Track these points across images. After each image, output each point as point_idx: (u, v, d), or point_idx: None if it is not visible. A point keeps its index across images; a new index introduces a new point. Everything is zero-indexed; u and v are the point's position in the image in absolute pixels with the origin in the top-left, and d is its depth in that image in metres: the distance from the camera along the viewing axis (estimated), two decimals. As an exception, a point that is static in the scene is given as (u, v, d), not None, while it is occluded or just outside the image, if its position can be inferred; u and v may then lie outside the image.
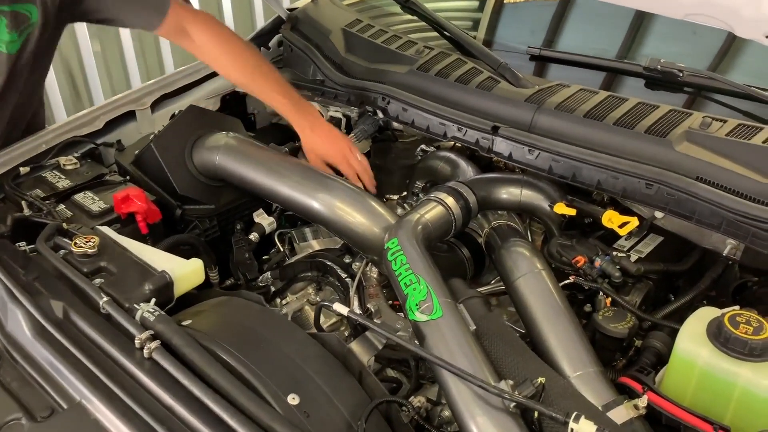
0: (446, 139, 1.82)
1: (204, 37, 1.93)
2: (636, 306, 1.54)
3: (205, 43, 1.94)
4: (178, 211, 1.93)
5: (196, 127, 2.00)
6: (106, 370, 1.24)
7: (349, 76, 2.09)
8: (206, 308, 1.44)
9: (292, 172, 1.79)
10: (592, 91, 1.71)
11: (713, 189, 1.43)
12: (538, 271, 1.50)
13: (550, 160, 1.62)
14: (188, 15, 1.93)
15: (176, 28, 1.92)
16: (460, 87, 1.84)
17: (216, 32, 1.95)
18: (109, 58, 3.92)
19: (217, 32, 1.95)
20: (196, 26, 1.92)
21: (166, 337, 1.27)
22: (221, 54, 1.96)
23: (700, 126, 1.53)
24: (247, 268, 1.91)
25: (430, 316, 1.30)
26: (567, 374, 1.30)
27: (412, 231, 1.51)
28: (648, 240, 1.72)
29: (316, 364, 1.25)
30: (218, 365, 1.21)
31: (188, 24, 1.92)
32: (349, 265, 1.77)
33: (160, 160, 1.92)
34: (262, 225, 2.00)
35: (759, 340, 1.13)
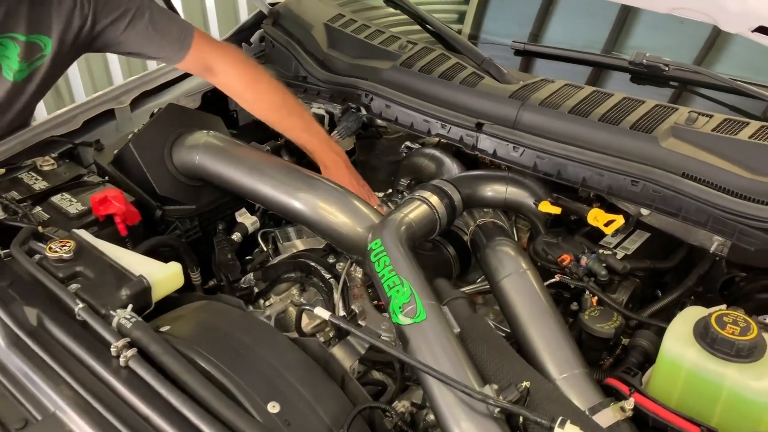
0: (430, 136, 1.80)
1: (230, 74, 1.92)
2: (623, 304, 1.53)
3: (231, 80, 1.93)
4: (158, 211, 1.90)
5: (175, 125, 1.96)
6: (82, 380, 1.20)
7: (332, 72, 2.05)
8: (185, 313, 1.41)
9: (274, 171, 1.75)
10: (577, 87, 1.69)
11: (699, 185, 1.41)
12: (523, 271, 1.48)
13: (534, 157, 1.59)
14: (213, 49, 1.91)
15: (201, 64, 1.90)
16: (444, 83, 1.81)
17: (241, 68, 1.93)
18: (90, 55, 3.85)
19: (242, 68, 1.93)
20: (220, 62, 1.90)
21: (143, 345, 1.24)
22: (246, 90, 1.94)
23: (686, 121, 1.51)
24: (230, 269, 1.88)
25: (413, 319, 1.27)
26: (553, 376, 1.29)
27: (395, 231, 1.48)
28: (634, 236, 1.70)
29: (297, 370, 1.23)
30: (196, 373, 1.18)
31: (213, 59, 1.90)
32: (333, 265, 1.74)
33: (139, 160, 1.88)
34: (245, 225, 1.97)
35: (746, 341, 1.11)
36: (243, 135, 2.11)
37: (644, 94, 1.66)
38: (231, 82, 1.93)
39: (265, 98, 1.94)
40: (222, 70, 1.90)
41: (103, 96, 2.20)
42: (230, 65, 1.91)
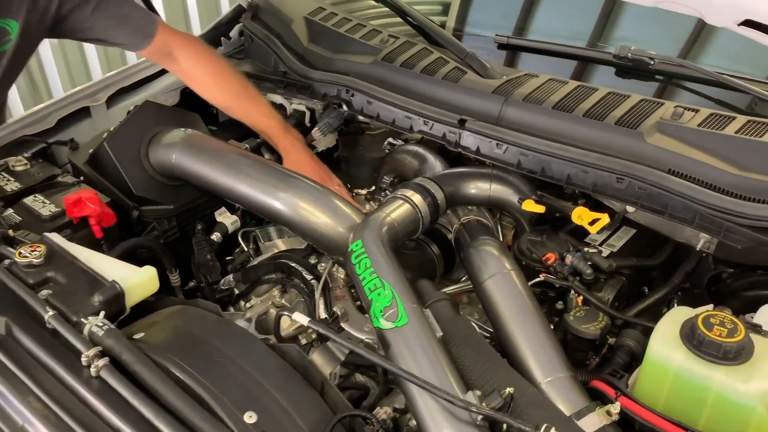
0: (412, 132, 1.75)
1: (189, 60, 1.91)
2: (609, 303, 1.50)
3: (191, 66, 1.91)
4: (135, 212, 1.86)
5: (152, 123, 1.91)
6: (51, 392, 1.16)
7: (312, 67, 2.01)
8: (160, 319, 1.37)
9: (252, 170, 1.71)
10: (561, 81, 1.66)
11: (685, 182, 1.38)
12: (507, 272, 1.45)
13: (518, 154, 1.56)
14: (175, 37, 1.90)
15: (163, 51, 1.88)
16: (426, 78, 1.77)
17: (201, 55, 1.93)
18: (67, 49, 3.78)
19: (202, 55, 1.93)
20: (182, 49, 1.90)
21: (115, 353, 1.20)
22: (205, 75, 1.93)
23: (671, 116, 1.48)
24: (209, 270, 1.83)
25: (394, 323, 1.24)
26: (537, 380, 1.26)
27: (377, 232, 1.45)
28: (620, 233, 1.68)
29: (275, 378, 1.19)
30: (170, 383, 1.14)
31: (174, 47, 1.89)
32: (315, 266, 1.71)
33: (114, 160, 1.83)
34: (225, 224, 1.93)
35: (733, 343, 1.09)
36: (222, 132, 2.06)
37: (629, 89, 1.63)
38: (191, 68, 1.92)
39: (223, 84, 1.92)
40: (182, 56, 1.89)
41: (78, 93, 2.14)
42: (191, 52, 1.90)
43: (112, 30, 1.80)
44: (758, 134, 1.41)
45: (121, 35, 1.82)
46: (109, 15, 1.77)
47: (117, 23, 1.79)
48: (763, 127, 1.44)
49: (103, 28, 1.79)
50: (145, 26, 1.83)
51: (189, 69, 1.91)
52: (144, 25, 1.83)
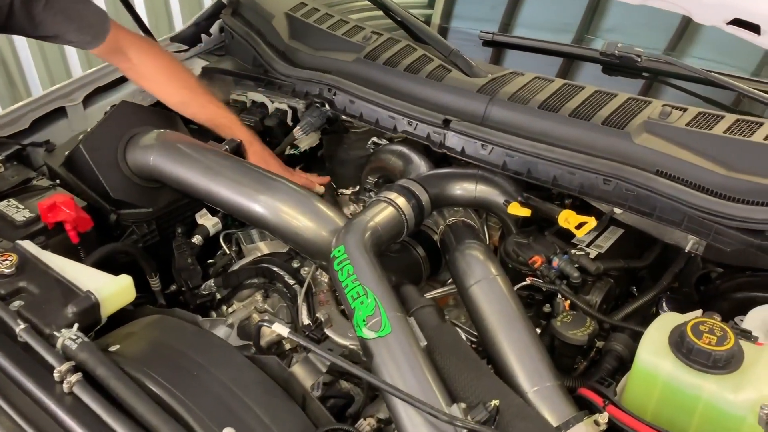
0: (396, 133, 1.72)
1: (141, 57, 1.87)
2: (596, 306, 1.48)
3: (143, 63, 1.88)
4: (113, 216, 1.81)
5: (129, 124, 1.86)
6: (22, 409, 1.12)
7: (293, 65, 1.96)
8: (137, 330, 1.33)
9: (232, 172, 1.67)
10: (547, 80, 1.62)
11: (674, 184, 1.36)
12: (492, 278, 1.42)
13: (504, 155, 1.53)
14: (127, 36, 1.87)
15: (114, 49, 1.85)
16: (410, 77, 1.73)
17: (153, 52, 1.91)
18: (45, 45, 3.70)
19: (153, 52, 1.91)
20: (133, 46, 1.87)
21: (89, 367, 1.16)
22: (158, 72, 1.90)
23: (659, 116, 1.46)
24: (190, 275, 1.80)
25: (377, 333, 1.21)
26: (524, 389, 1.23)
27: (359, 237, 1.41)
28: (608, 233, 1.66)
29: (254, 391, 1.16)
30: (146, 398, 1.10)
31: (127, 45, 1.86)
32: (298, 270, 1.67)
33: (90, 163, 1.78)
34: (206, 227, 1.88)
35: (723, 351, 1.07)
36: (202, 132, 2.01)
37: (616, 86, 1.60)
38: (143, 65, 1.88)
39: (177, 80, 1.90)
40: (134, 53, 1.86)
41: (54, 93, 2.08)
42: (142, 49, 1.88)
43: (64, 27, 1.75)
44: (747, 134, 1.39)
45: (73, 33, 1.77)
46: (60, 11, 1.72)
47: (69, 20, 1.74)
48: (751, 126, 1.41)
49: (54, 24, 1.74)
50: (98, 24, 1.79)
51: (141, 66, 1.88)
52: (96, 22, 1.79)
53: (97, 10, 1.81)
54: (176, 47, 2.30)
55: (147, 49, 1.89)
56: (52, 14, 1.71)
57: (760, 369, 1.07)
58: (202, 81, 1.97)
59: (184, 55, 2.29)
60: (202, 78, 2.21)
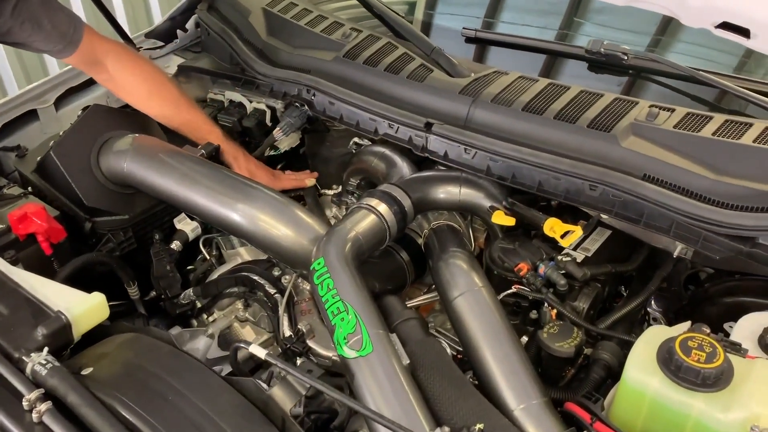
0: (377, 136, 1.67)
1: (119, 67, 1.78)
2: (584, 312, 1.45)
3: (121, 74, 1.79)
4: (88, 224, 1.76)
5: (101, 128, 1.80)
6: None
7: (271, 63, 1.90)
8: (110, 350, 1.28)
9: (209, 180, 1.62)
10: (531, 79, 1.58)
11: (661, 189, 1.32)
12: (477, 290, 1.38)
13: (487, 159, 1.48)
14: (103, 44, 1.78)
15: (90, 58, 1.76)
16: (391, 77, 1.68)
17: (132, 61, 1.82)
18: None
19: (133, 61, 1.82)
20: (111, 56, 1.77)
21: (60, 394, 1.11)
22: (139, 83, 1.81)
23: (646, 117, 1.42)
24: (169, 282, 1.75)
25: (358, 352, 1.17)
26: (510, 407, 1.20)
27: (340, 249, 1.37)
28: (595, 235, 1.61)
29: (231, 415, 1.12)
30: (119, 427, 1.06)
31: (103, 54, 1.77)
32: (279, 278, 1.62)
33: (63, 170, 1.73)
34: (185, 232, 1.83)
35: (712, 369, 1.04)
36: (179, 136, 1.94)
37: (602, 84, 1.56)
38: (122, 77, 1.79)
39: (160, 92, 1.82)
40: (111, 63, 1.77)
41: (24, 95, 2.01)
42: (120, 58, 1.78)
43: (33, 35, 1.64)
44: (736, 136, 1.36)
45: (42, 41, 1.67)
46: (29, 18, 1.62)
47: (38, 27, 1.64)
48: (741, 127, 1.38)
49: (22, 31, 1.63)
50: (70, 30, 1.68)
51: (120, 77, 1.79)
52: (68, 29, 1.68)
53: (70, 17, 1.71)
54: (151, 44, 2.23)
55: (125, 59, 1.80)
56: (20, 21, 1.61)
57: (750, 385, 1.04)
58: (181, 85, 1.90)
59: (160, 52, 2.22)
60: (178, 76, 2.15)
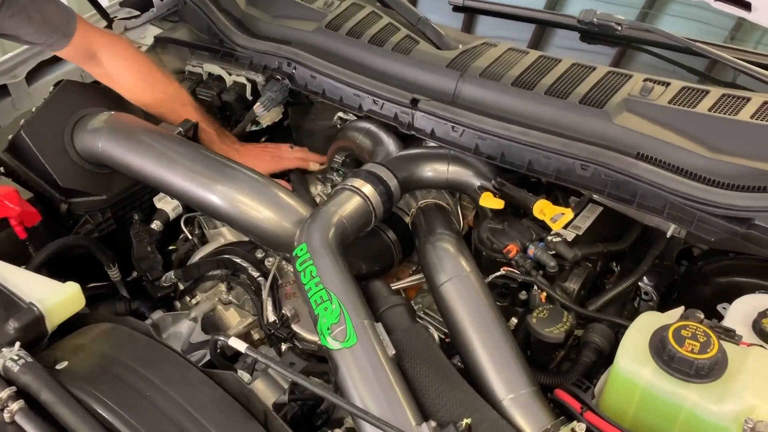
0: (362, 112, 1.60)
1: (113, 61, 1.71)
2: (574, 293, 1.42)
3: (116, 69, 1.72)
4: (64, 205, 1.70)
5: (75, 105, 1.73)
6: (-42, 444, 1.04)
7: (250, 35, 1.82)
8: (87, 341, 1.24)
9: (186, 160, 1.56)
10: (521, 51, 1.51)
11: (655, 169, 1.28)
12: (465, 275, 1.34)
13: (476, 137, 1.43)
14: (98, 36, 1.70)
15: (84, 51, 1.68)
16: (375, 49, 1.61)
17: (128, 56, 1.74)
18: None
19: (128, 55, 1.74)
20: (105, 49, 1.69)
21: (33, 391, 1.07)
22: (135, 79, 1.74)
23: (640, 92, 1.36)
24: (150, 264, 1.71)
25: (342, 343, 1.14)
26: (500, 397, 1.17)
27: (323, 234, 1.32)
28: (586, 212, 1.57)
29: (212, 410, 1.08)
30: (95, 425, 1.03)
31: (97, 47, 1.68)
32: (262, 261, 1.58)
33: (35, 150, 1.66)
34: (165, 211, 1.79)
35: (706, 359, 1.01)
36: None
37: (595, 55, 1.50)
38: (117, 72, 1.72)
39: (154, 89, 1.76)
40: (107, 59, 1.69)
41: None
42: (116, 53, 1.70)
43: (23, 27, 1.55)
44: (733, 111, 1.31)
45: (33, 34, 1.58)
46: (19, 10, 1.52)
47: (29, 20, 1.55)
48: (738, 102, 1.33)
49: (11, 24, 1.54)
50: (63, 22, 1.60)
51: (115, 73, 1.72)
52: (61, 20, 1.59)
53: (62, 9, 1.62)
54: (126, 13, 2.13)
55: (120, 52, 1.72)
56: (10, 14, 1.52)
57: (744, 376, 1.01)
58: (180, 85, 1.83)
59: (136, 22, 2.12)
60: (155, 48, 2.06)
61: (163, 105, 1.77)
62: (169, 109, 1.77)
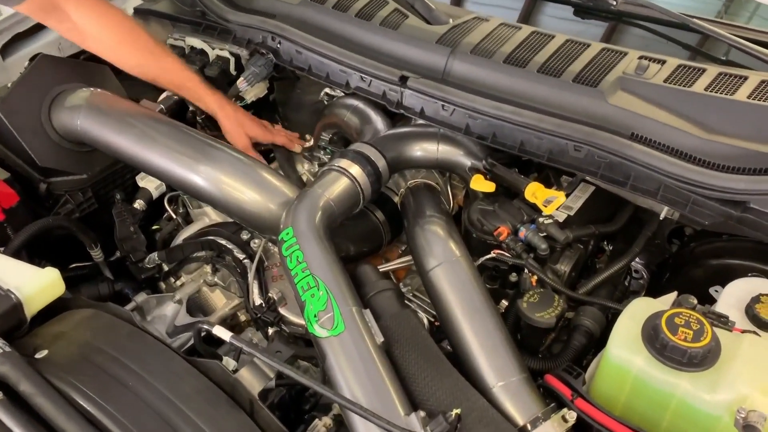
0: (349, 89, 1.56)
1: (81, 12, 1.54)
2: (565, 275, 1.40)
3: (84, 20, 1.55)
4: (43, 185, 1.65)
5: (52, 81, 1.67)
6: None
7: (234, 7, 1.76)
8: (68, 329, 1.21)
9: (169, 139, 1.51)
10: (514, 27, 1.47)
11: (649, 150, 1.25)
12: (455, 260, 1.31)
13: (466, 117, 1.39)
14: None
15: (46, 4, 1.52)
16: (362, 24, 1.56)
17: (96, 6, 1.57)
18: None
19: (97, 6, 1.57)
20: (70, 1, 1.53)
21: (12, 382, 1.04)
22: (108, 31, 1.58)
23: (635, 70, 1.33)
24: (133, 245, 1.67)
25: (330, 331, 1.11)
26: (490, 384, 1.15)
27: (310, 217, 1.29)
28: (578, 192, 1.55)
29: (196, 400, 1.06)
30: (76, 417, 1.00)
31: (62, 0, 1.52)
32: (248, 242, 1.54)
33: (11, 128, 1.60)
34: (148, 190, 1.74)
35: (699, 348, 0.99)
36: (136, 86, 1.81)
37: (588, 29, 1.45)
38: (87, 24, 1.56)
39: (132, 39, 1.60)
40: (74, 11, 1.53)
41: (-36, 43, 1.85)
42: (84, 5, 1.55)
43: None
44: (730, 91, 1.27)
45: None
46: None
47: None
48: (735, 81, 1.29)
49: None
50: None
51: (85, 25, 1.56)
52: None
53: None
54: (104, -17, 2.05)
55: (88, 4, 1.57)
56: None
57: (737, 365, 1.00)
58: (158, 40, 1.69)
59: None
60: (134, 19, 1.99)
61: (140, 57, 1.62)
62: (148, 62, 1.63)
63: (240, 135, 1.67)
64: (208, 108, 1.69)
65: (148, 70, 1.65)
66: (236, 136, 1.67)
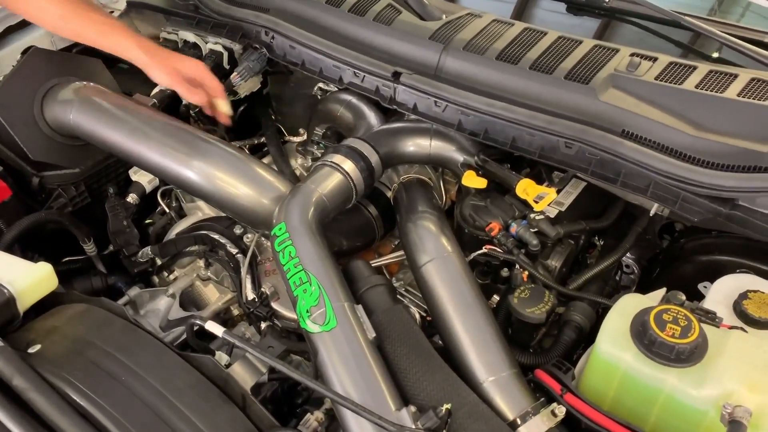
0: (342, 84, 1.56)
1: None
2: (556, 271, 1.41)
3: None
4: (36, 179, 1.65)
5: (44, 74, 1.66)
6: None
7: (227, 2, 1.76)
8: (60, 324, 1.21)
9: (160, 134, 1.51)
10: (506, 23, 1.47)
11: (640, 148, 1.25)
12: (447, 256, 1.32)
13: (459, 113, 1.39)
14: None
15: None
16: (355, 19, 1.56)
17: None
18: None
19: None
20: None
21: (5, 378, 1.05)
22: None
23: (627, 68, 1.33)
24: (126, 239, 1.67)
25: (322, 327, 1.12)
26: (480, 379, 1.16)
27: (302, 212, 1.29)
28: (569, 187, 1.55)
29: (189, 395, 1.07)
30: (69, 412, 1.01)
31: None
32: (241, 237, 1.55)
33: (3, 122, 1.60)
34: (141, 183, 1.74)
35: (687, 344, 1.00)
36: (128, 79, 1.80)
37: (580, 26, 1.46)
38: None
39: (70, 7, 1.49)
40: None
41: (-46, 36, 1.84)
42: None
43: None
44: (720, 89, 1.28)
45: None
46: None
47: None
48: (726, 79, 1.30)
49: None
50: None
51: None
52: None
53: None
54: (96, -25, 2.04)
55: None
56: None
57: (724, 361, 1.01)
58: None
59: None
60: (128, 12, 1.98)
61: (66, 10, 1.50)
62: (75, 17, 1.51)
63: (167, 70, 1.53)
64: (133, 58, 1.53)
65: (69, 24, 1.53)
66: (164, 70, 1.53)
